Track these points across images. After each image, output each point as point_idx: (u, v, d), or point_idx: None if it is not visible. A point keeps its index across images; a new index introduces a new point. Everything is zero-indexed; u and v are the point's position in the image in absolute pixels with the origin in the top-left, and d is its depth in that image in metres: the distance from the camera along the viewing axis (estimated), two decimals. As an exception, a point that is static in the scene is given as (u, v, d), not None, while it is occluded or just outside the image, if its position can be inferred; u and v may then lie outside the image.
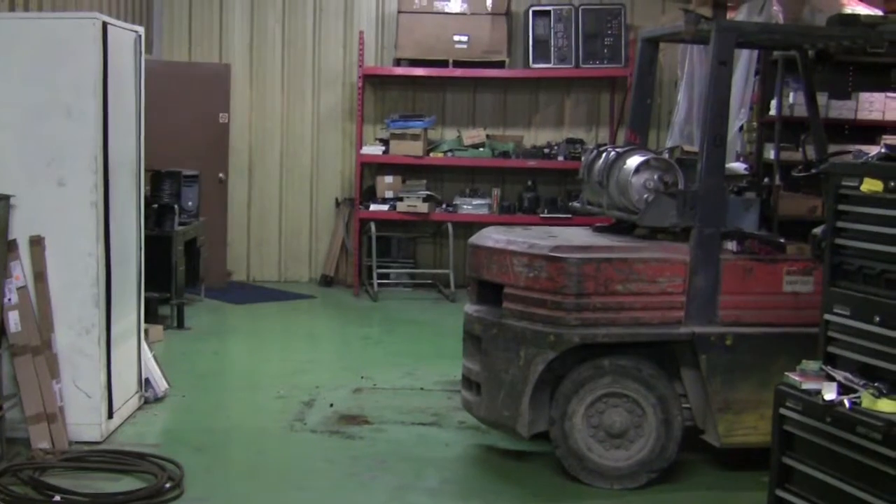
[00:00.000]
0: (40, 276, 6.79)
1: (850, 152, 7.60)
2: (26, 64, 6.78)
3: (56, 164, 6.79)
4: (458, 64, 12.99)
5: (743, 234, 6.59)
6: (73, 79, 6.78)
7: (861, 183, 5.10)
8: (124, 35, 7.38)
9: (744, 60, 9.85)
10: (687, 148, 9.50)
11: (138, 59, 7.60)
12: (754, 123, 10.18)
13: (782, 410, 5.22)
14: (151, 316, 9.77)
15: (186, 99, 12.44)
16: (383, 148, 13.00)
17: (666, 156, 7.12)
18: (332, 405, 8.03)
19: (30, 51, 6.78)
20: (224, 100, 12.63)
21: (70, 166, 6.79)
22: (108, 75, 6.88)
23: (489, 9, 13.11)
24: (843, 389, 4.98)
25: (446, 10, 13.13)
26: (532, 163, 13.02)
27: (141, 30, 7.71)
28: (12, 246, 6.74)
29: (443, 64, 12.99)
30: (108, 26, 6.92)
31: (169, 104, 12.02)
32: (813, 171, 7.09)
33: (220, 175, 12.59)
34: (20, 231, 6.79)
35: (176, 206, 11.04)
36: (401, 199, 12.96)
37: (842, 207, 5.30)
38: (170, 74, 12.33)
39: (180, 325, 10.75)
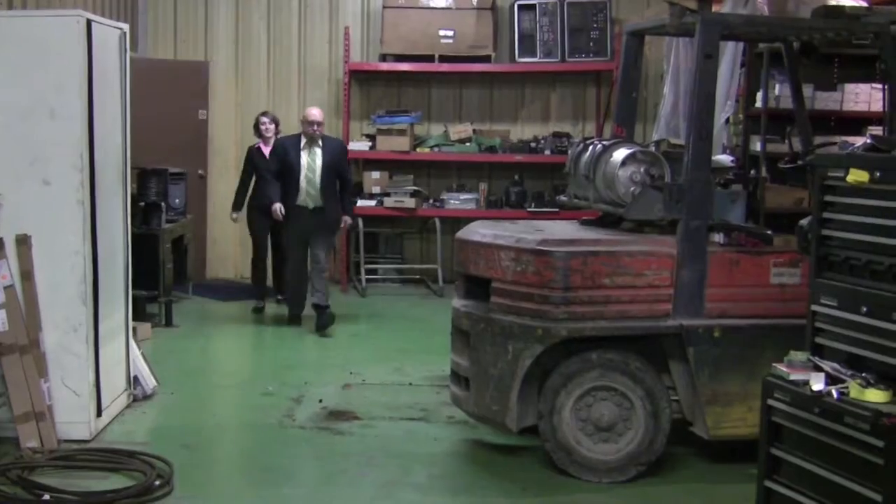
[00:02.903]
0: (27, 274, 6.78)
1: (835, 144, 7.62)
2: (9, 63, 6.75)
3: (41, 163, 6.77)
4: (443, 59, 12.99)
5: (730, 227, 6.61)
6: (57, 77, 6.76)
7: (847, 174, 5.11)
8: (109, 33, 7.36)
9: (729, 53, 9.83)
10: (673, 141, 9.50)
11: (123, 56, 7.58)
12: (740, 116, 10.20)
13: (770, 402, 5.23)
14: (139, 314, 9.75)
15: (165, 96, 12.38)
16: (370, 144, 12.99)
17: (652, 149, 7.13)
18: (321, 401, 8.03)
19: (13, 50, 6.75)
20: (203, 96, 12.56)
21: (55, 165, 6.77)
22: (93, 73, 6.86)
23: (474, 3, 13.10)
24: (831, 380, 4.99)
25: (431, 4, 13.12)
26: (518, 157, 13.03)
27: (126, 27, 7.69)
28: (-2, 245, 6.74)
29: (428, 59, 12.99)
30: (93, 24, 6.90)
31: (148, 101, 11.98)
32: (799, 162, 7.12)
33: (200, 171, 12.56)
34: (6, 230, 6.77)
35: (163, 204, 11.03)
36: (388, 195, 12.97)
37: (828, 199, 5.31)
38: (148, 71, 12.28)
39: (168, 323, 10.74)
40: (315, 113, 10.78)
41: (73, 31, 6.76)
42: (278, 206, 10.67)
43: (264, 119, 11.73)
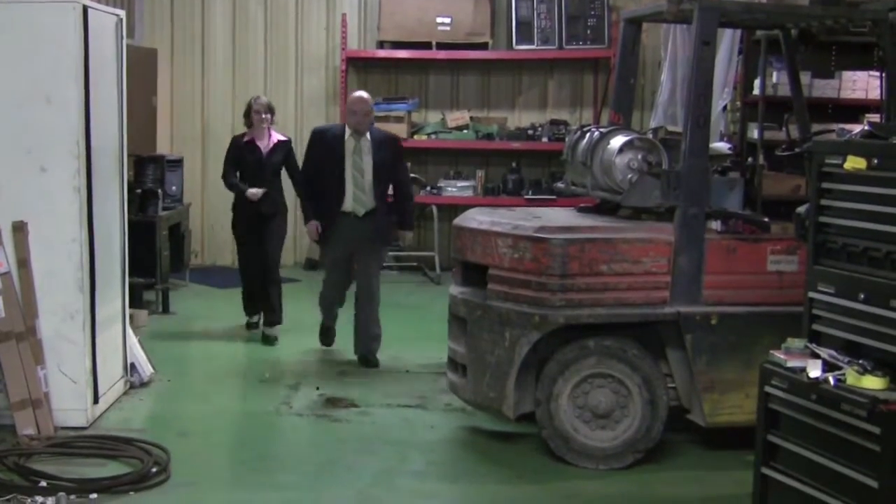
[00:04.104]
0: (24, 262, 6.77)
1: (833, 131, 7.61)
2: (6, 49, 6.73)
3: (38, 150, 6.75)
4: (441, 46, 12.97)
5: (727, 214, 6.60)
6: (53, 64, 6.74)
7: (844, 161, 5.11)
8: (105, 19, 7.34)
9: (727, 40, 9.85)
10: (671, 128, 9.50)
11: (119, 43, 7.57)
12: (738, 103, 10.20)
13: (767, 389, 5.23)
14: (136, 301, 9.74)
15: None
16: (367, 132, 12.98)
17: (650, 136, 7.12)
18: (318, 388, 8.03)
19: (9, 36, 6.73)
20: (153, 83, 12.46)
21: (52, 152, 6.76)
22: (89, 60, 6.84)
23: (472, -10, 13.09)
24: (828, 367, 4.99)
25: (429, -9, 13.12)
26: (516, 144, 13.02)
27: (122, 13, 7.68)
28: (-5, 232, 6.73)
29: (426, 46, 12.98)
30: (89, 10, 6.88)
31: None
32: (796, 150, 7.11)
33: None
34: (2, 217, 6.76)
35: (160, 191, 11.02)
36: (385, 182, 12.92)
37: (825, 186, 5.31)
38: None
39: (165, 310, 10.75)
40: (363, 99, 8.73)
41: (70, 17, 6.74)
42: (315, 227, 8.84)
43: (258, 106, 9.79)
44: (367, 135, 8.67)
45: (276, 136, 9.82)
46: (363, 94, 8.81)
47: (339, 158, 8.60)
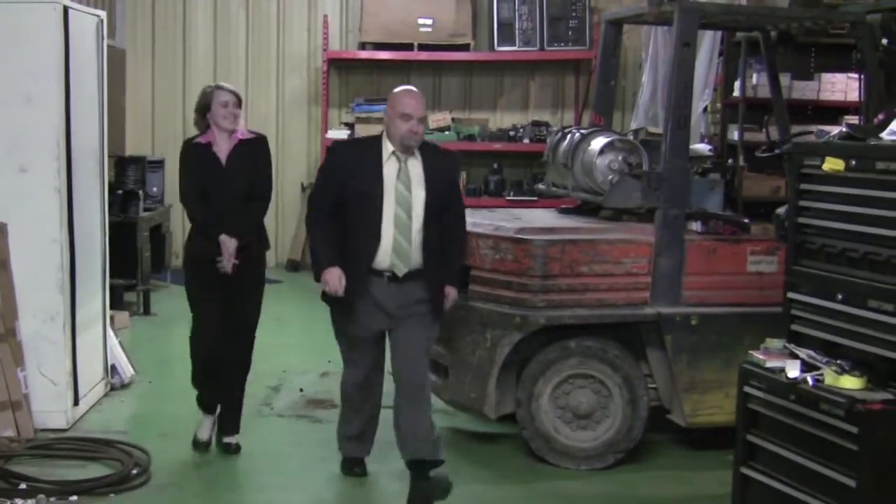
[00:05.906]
0: (3, 263, 6.74)
1: (812, 132, 7.65)
2: (-15, 49, 6.73)
3: (17, 151, 6.73)
4: (422, 47, 12.96)
5: (707, 215, 6.63)
6: (34, 64, 6.72)
7: (823, 162, 5.14)
8: (86, 20, 7.33)
9: (707, 42, 9.87)
10: (651, 129, 9.51)
11: (100, 44, 7.55)
12: (718, 104, 10.22)
13: (747, 389, 5.26)
14: (117, 302, 9.72)
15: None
16: (349, 132, 12.94)
17: (630, 137, 7.14)
18: (301, 390, 8.02)
19: (-12, 36, 6.73)
20: (122, 84, 12.38)
21: (32, 152, 6.74)
22: (69, 60, 6.82)
23: (453, -9, 13.09)
24: (807, 367, 5.02)
25: (411, -8, 13.11)
26: (497, 146, 13.02)
27: (103, 14, 7.67)
28: (-26, 233, 6.70)
29: (408, 47, 12.97)
30: (70, 11, 6.87)
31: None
32: (776, 151, 7.15)
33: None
34: (-18, 218, 6.75)
35: (141, 192, 11.00)
36: (367, 184, 12.83)
37: (804, 187, 5.34)
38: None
39: (146, 312, 10.72)
40: (417, 96, 5.90)
41: (50, 17, 6.72)
42: (338, 277, 5.74)
43: (225, 96, 6.42)
44: (418, 154, 5.90)
45: (240, 134, 6.53)
46: (414, 89, 6.02)
47: (374, 189, 5.74)
